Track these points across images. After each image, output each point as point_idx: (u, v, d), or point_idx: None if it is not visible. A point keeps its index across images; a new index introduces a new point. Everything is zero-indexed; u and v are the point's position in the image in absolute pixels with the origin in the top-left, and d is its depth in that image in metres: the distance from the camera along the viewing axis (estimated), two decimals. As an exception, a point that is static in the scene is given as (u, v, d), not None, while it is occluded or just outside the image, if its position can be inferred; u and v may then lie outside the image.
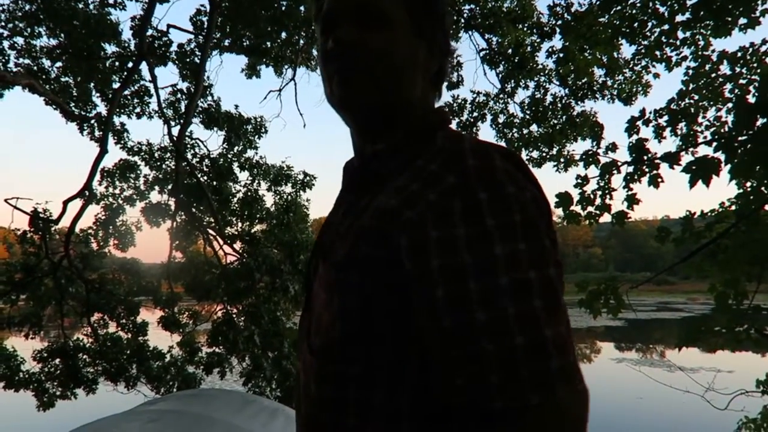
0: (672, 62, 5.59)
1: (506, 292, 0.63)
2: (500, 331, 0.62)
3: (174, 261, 9.54)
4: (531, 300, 0.64)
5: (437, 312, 0.66)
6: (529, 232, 0.67)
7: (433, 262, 0.66)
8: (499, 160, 0.72)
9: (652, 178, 3.64)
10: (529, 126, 8.91)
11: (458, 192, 0.68)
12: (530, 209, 0.69)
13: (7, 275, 8.83)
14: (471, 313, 0.63)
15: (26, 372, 8.56)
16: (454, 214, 0.67)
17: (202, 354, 8.87)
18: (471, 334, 0.63)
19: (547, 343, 0.63)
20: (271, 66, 10.12)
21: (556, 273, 0.68)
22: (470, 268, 0.64)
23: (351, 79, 0.88)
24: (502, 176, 0.69)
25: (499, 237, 0.65)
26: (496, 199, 0.67)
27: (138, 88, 9.59)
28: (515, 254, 0.65)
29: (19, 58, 9.22)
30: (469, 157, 0.72)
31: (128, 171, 9.59)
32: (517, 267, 0.64)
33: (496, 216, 0.66)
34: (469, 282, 0.64)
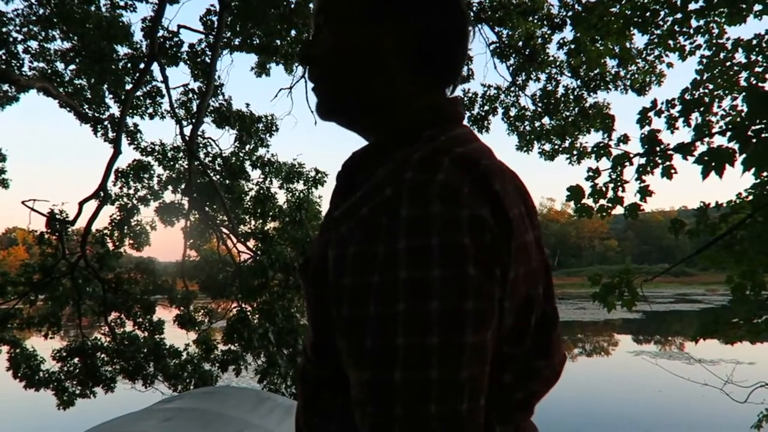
0: (686, 51, 5.51)
1: (400, 321, 0.58)
2: (383, 362, 0.58)
3: (188, 260, 9.62)
4: (425, 334, 0.57)
5: (342, 331, 0.64)
6: (448, 258, 0.59)
7: (346, 279, 0.64)
8: (445, 173, 0.64)
9: (665, 170, 3.59)
10: (541, 119, 8.85)
11: (386, 208, 0.63)
12: (457, 232, 0.60)
13: (26, 276, 8.97)
14: (362, 338, 0.60)
15: (46, 371, 8.68)
16: (378, 231, 0.62)
17: (217, 351, 8.94)
18: (359, 360, 0.61)
19: (430, 385, 0.57)
20: (282, 64, 10.15)
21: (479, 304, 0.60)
22: (374, 291, 0.60)
23: (314, 90, 0.88)
24: (432, 193, 0.61)
25: (407, 261, 0.59)
26: (416, 218, 0.61)
27: (150, 88, 9.68)
28: (421, 281, 0.58)
29: (34, 61, 9.35)
30: (409, 169, 0.64)
31: (142, 171, 9.67)
32: (420, 295, 0.58)
33: (411, 237, 0.60)
34: (368, 305, 0.60)
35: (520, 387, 0.72)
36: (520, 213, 0.71)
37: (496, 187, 0.66)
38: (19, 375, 8.54)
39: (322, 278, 0.69)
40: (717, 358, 13.18)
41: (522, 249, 0.68)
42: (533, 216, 0.77)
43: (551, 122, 8.70)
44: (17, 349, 8.64)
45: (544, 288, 0.76)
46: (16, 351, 8.61)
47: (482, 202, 0.64)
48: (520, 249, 0.67)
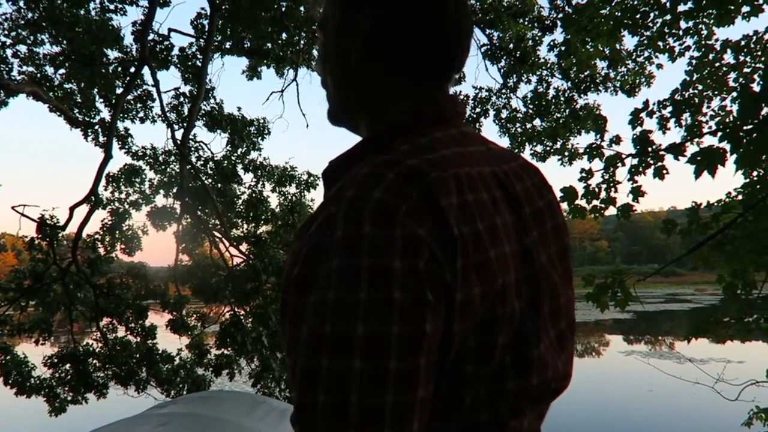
0: (675, 53, 5.56)
1: (325, 343, 0.57)
2: (308, 384, 0.57)
3: (181, 264, 9.59)
4: (349, 358, 0.56)
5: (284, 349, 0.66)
6: (376, 281, 0.57)
7: (289, 297, 0.64)
8: (383, 190, 0.61)
9: (657, 170, 3.62)
10: (533, 120, 8.90)
11: (327, 226, 0.62)
12: (386, 254, 0.58)
13: (16, 282, 8.90)
14: (294, 358, 0.60)
15: (37, 378, 8.62)
16: (317, 251, 0.62)
17: (210, 356, 8.90)
18: (293, 378, 0.60)
19: (351, 409, 0.55)
20: (273, 67, 10.14)
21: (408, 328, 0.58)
22: (306, 310, 0.60)
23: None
24: (366, 212, 0.60)
25: (337, 282, 0.58)
26: (347, 238, 0.59)
27: (141, 92, 9.65)
28: (348, 304, 0.57)
29: (23, 65, 9.28)
30: (352, 186, 0.63)
31: (133, 175, 9.63)
32: (346, 318, 0.57)
33: (341, 258, 0.59)
34: (301, 324, 0.60)
35: (486, 408, 0.69)
36: (491, 226, 0.67)
37: (442, 203, 0.63)
38: (10, 382, 8.47)
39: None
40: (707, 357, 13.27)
41: (480, 267, 0.64)
42: (526, 226, 0.74)
43: (542, 124, 8.75)
44: (8, 355, 8.56)
45: (528, 304, 0.72)
46: (6, 358, 8.53)
47: (421, 221, 0.61)
48: (475, 267, 0.64)
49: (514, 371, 0.70)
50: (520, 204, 0.75)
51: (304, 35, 9.71)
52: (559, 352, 0.78)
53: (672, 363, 14.64)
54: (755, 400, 4.96)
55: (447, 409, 0.66)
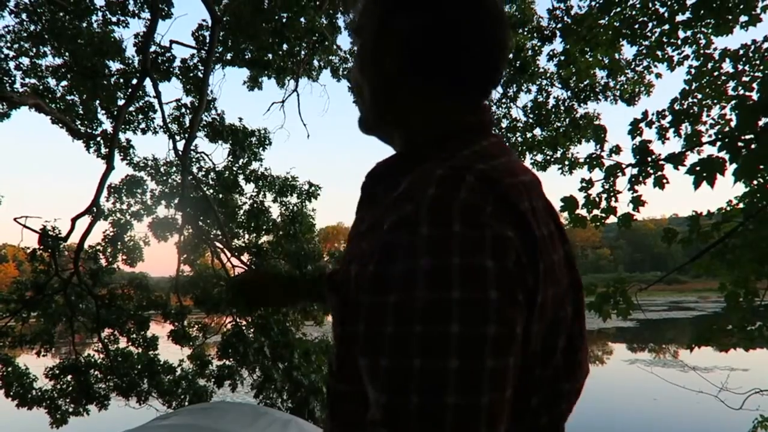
0: (674, 62, 5.59)
1: (418, 342, 0.56)
2: (399, 385, 0.57)
3: (182, 274, 9.59)
4: (444, 358, 0.55)
5: (358, 348, 0.63)
6: (468, 280, 0.57)
7: (364, 297, 0.63)
8: (467, 191, 0.62)
9: (657, 180, 3.63)
10: (533, 129, 8.93)
11: (406, 224, 0.61)
12: (479, 254, 0.59)
13: (18, 293, 8.90)
14: (378, 358, 0.59)
15: (39, 389, 8.59)
16: (397, 249, 0.61)
17: (212, 367, 8.88)
18: (375, 380, 0.59)
19: (448, 410, 0.55)
20: (274, 78, 10.19)
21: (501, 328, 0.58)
22: (391, 310, 0.59)
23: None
24: (454, 211, 0.60)
25: (425, 281, 0.57)
26: (437, 237, 0.59)
27: (142, 104, 9.67)
28: (440, 302, 0.57)
29: (25, 78, 9.33)
30: (431, 185, 0.63)
31: (135, 186, 9.64)
32: (438, 317, 0.56)
33: (432, 256, 0.58)
34: (387, 324, 0.59)
35: (546, 410, 0.71)
36: (549, 232, 0.69)
37: (522, 207, 0.65)
38: (12, 394, 8.44)
39: (345, 292, 0.70)
40: (711, 365, 13.22)
41: (550, 270, 0.66)
42: (563, 233, 0.76)
43: (543, 133, 8.78)
44: (9, 367, 8.55)
45: (574, 308, 0.73)
46: (8, 369, 8.51)
47: (506, 223, 0.62)
48: (548, 270, 0.65)
49: (566, 373, 0.72)
50: (554, 212, 0.77)
51: (305, 46, 9.77)
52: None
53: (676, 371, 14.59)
54: (759, 409, 4.94)
55: (517, 412, 0.65)
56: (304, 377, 7.92)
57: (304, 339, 8.87)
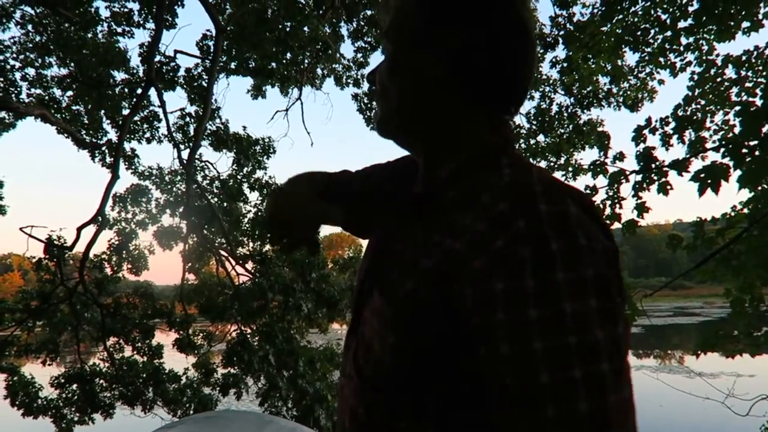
0: (676, 68, 5.61)
1: (573, 353, 0.59)
2: (564, 395, 0.59)
3: (187, 283, 9.60)
4: (598, 363, 0.60)
5: (500, 369, 0.63)
6: (601, 289, 0.62)
7: (498, 316, 0.63)
8: (573, 205, 0.66)
9: (661, 186, 3.64)
10: (536, 136, 8.94)
11: (528, 240, 0.63)
12: (602, 264, 0.63)
13: (24, 302, 8.93)
14: (534, 374, 0.60)
15: (44, 398, 8.60)
16: (523, 265, 0.62)
17: (217, 375, 8.88)
18: (533, 396, 0.60)
19: (610, 410, 0.59)
20: (277, 86, 10.24)
21: (624, 330, 0.64)
22: (537, 326, 0.61)
23: (375, 111, 0.91)
24: (575, 225, 0.64)
25: (569, 293, 0.61)
26: (569, 250, 0.62)
27: (147, 113, 9.72)
28: (585, 313, 0.61)
29: (31, 88, 9.40)
30: (541, 201, 0.66)
31: (140, 195, 9.68)
32: (587, 327, 0.60)
33: (568, 269, 0.61)
34: (534, 340, 0.60)
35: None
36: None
37: (602, 221, 0.69)
38: (17, 403, 8.45)
39: (438, 310, 0.69)
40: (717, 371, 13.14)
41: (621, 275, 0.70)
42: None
43: (546, 140, 8.79)
44: (15, 376, 8.56)
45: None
46: (13, 379, 8.52)
47: (603, 235, 0.67)
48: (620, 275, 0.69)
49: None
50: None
51: (308, 54, 9.82)
52: None
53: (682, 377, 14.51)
54: (767, 415, 4.91)
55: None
56: (309, 385, 7.90)
57: (309, 347, 8.86)
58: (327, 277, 8.96)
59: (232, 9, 9.17)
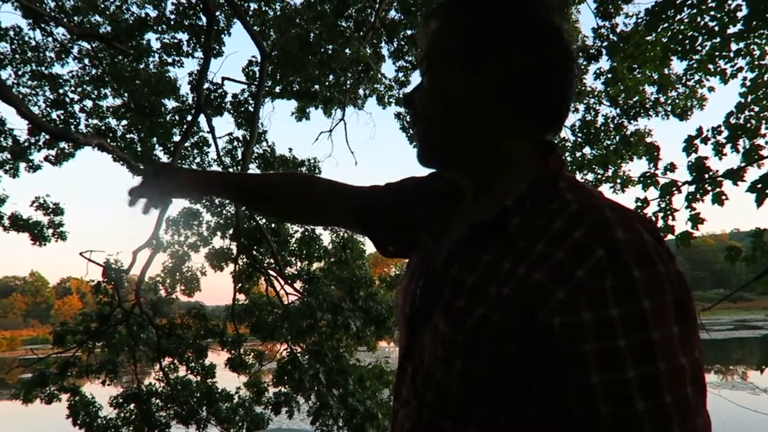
0: (727, 75, 5.45)
1: (665, 379, 0.62)
2: (661, 421, 0.61)
3: (238, 303, 9.78)
4: (685, 387, 0.63)
5: (593, 399, 0.64)
6: (681, 314, 0.65)
7: (588, 346, 0.64)
8: (645, 233, 0.67)
9: (716, 196, 3.55)
10: (582, 148, 8.80)
11: (610, 269, 0.64)
12: (678, 289, 0.66)
13: (84, 324, 9.27)
14: (630, 402, 0.62)
15: (104, 418, 8.84)
16: (607, 294, 0.64)
17: (269, 394, 8.97)
18: (631, 424, 0.62)
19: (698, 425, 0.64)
20: (321, 108, 10.42)
21: (700, 353, 0.67)
22: (627, 354, 0.62)
23: (416, 134, 0.89)
24: (652, 252, 0.65)
25: (654, 320, 0.63)
26: (650, 277, 0.64)
27: (197, 139, 10.03)
28: (670, 339, 0.63)
29: (89, 119, 9.85)
30: (617, 229, 0.66)
31: (191, 219, 9.97)
32: (673, 353, 0.63)
33: (651, 297, 0.63)
34: (626, 369, 0.62)
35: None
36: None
37: (666, 244, 0.70)
38: (79, 422, 8.72)
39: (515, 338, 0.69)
40: (784, 387, 12.52)
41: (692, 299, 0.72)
42: None
43: (592, 152, 8.65)
44: (76, 396, 8.85)
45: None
46: (75, 399, 8.81)
47: (672, 261, 0.68)
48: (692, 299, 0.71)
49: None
50: None
51: (351, 76, 9.96)
52: None
53: (746, 394, 13.83)
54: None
55: None
56: (360, 403, 7.91)
57: (358, 365, 8.88)
58: (374, 295, 8.99)
59: (276, 35, 9.42)
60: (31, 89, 9.61)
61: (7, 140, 9.15)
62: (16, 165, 9.42)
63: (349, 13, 9.24)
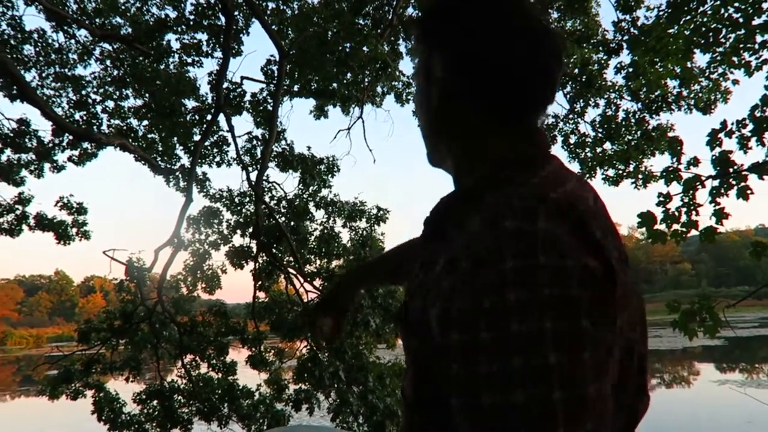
0: (752, 67, 5.35)
1: (518, 376, 0.56)
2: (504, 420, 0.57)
3: (258, 301, 9.85)
4: (548, 389, 0.55)
5: (452, 389, 0.62)
6: (561, 311, 0.58)
7: (453, 336, 0.62)
8: (545, 221, 0.62)
9: (741, 191, 3.48)
10: (602, 144, 8.71)
11: (488, 259, 0.61)
12: (566, 284, 0.59)
13: (108, 322, 9.42)
14: (478, 397, 0.58)
15: (128, 414, 8.98)
16: (481, 285, 0.61)
17: (289, 391, 9.03)
18: (476, 417, 0.59)
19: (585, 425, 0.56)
20: (339, 106, 10.45)
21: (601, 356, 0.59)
22: (484, 347, 0.58)
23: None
24: (537, 243, 0.60)
25: (518, 313, 0.57)
26: (523, 269, 0.59)
27: (217, 138, 10.12)
28: (536, 333, 0.57)
29: (111, 119, 9.99)
30: (507, 217, 0.64)
31: (212, 217, 10.07)
32: (536, 349, 0.56)
33: (519, 289, 0.58)
34: (480, 363, 0.58)
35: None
36: (619, 256, 0.68)
37: (597, 235, 0.65)
38: (103, 418, 8.86)
39: (424, 331, 0.68)
40: (812, 385, 12.28)
41: (624, 295, 0.65)
42: (625, 254, 0.73)
43: (613, 147, 8.55)
44: (101, 393, 8.99)
45: (641, 329, 0.72)
46: (100, 395, 8.96)
47: (585, 251, 0.62)
48: (622, 295, 0.65)
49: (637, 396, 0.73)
50: (618, 233, 0.74)
51: (368, 73, 9.98)
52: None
53: (772, 393, 13.61)
54: None
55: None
56: (380, 401, 7.92)
57: (378, 362, 8.90)
58: (394, 292, 9.00)
59: (294, 34, 9.46)
60: (54, 91, 9.78)
61: (31, 141, 9.31)
62: (40, 165, 9.59)
63: (366, 11, 9.25)
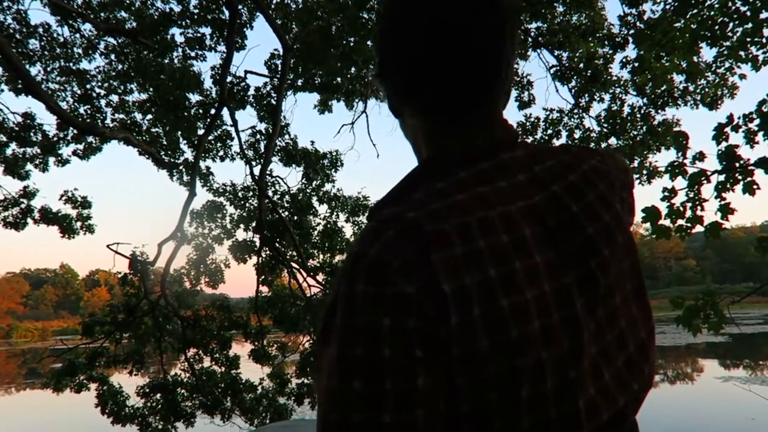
0: (759, 61, 5.31)
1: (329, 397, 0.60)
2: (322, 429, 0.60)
3: (261, 295, 9.88)
4: (348, 412, 0.58)
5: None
6: (366, 338, 0.59)
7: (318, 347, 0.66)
8: (380, 246, 0.62)
9: (747, 186, 3.45)
10: (608, 139, 8.66)
11: (338, 281, 0.64)
12: (376, 312, 0.59)
13: (111, 316, 9.45)
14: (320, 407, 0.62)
15: (131, 407, 9.01)
16: (332, 305, 0.64)
17: (292, 385, 9.06)
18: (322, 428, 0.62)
19: None
20: (343, 100, 10.43)
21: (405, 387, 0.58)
22: (319, 365, 0.64)
23: None
24: (361, 270, 0.61)
25: (339, 338, 0.60)
26: (345, 296, 0.61)
27: (220, 132, 10.15)
28: (347, 360, 0.59)
29: (115, 113, 10.00)
30: (356, 242, 0.66)
31: (215, 211, 10.09)
32: (345, 374, 0.59)
33: (341, 315, 0.61)
34: (321, 375, 0.62)
35: None
36: (503, 273, 0.62)
37: (433, 258, 0.61)
38: (107, 411, 8.90)
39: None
40: (817, 383, 12.24)
41: (488, 318, 0.61)
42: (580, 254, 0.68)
43: (618, 142, 8.50)
44: (105, 386, 9.03)
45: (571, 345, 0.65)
46: (103, 388, 8.99)
47: (412, 278, 0.60)
48: (482, 319, 0.60)
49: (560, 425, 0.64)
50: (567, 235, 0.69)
51: (372, 68, 9.96)
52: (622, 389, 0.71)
53: (776, 390, 13.58)
54: None
55: None
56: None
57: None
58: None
59: (298, 28, 9.44)
60: (59, 85, 9.81)
61: (37, 135, 9.34)
62: (45, 159, 9.62)
63: (370, 5, 9.21)
